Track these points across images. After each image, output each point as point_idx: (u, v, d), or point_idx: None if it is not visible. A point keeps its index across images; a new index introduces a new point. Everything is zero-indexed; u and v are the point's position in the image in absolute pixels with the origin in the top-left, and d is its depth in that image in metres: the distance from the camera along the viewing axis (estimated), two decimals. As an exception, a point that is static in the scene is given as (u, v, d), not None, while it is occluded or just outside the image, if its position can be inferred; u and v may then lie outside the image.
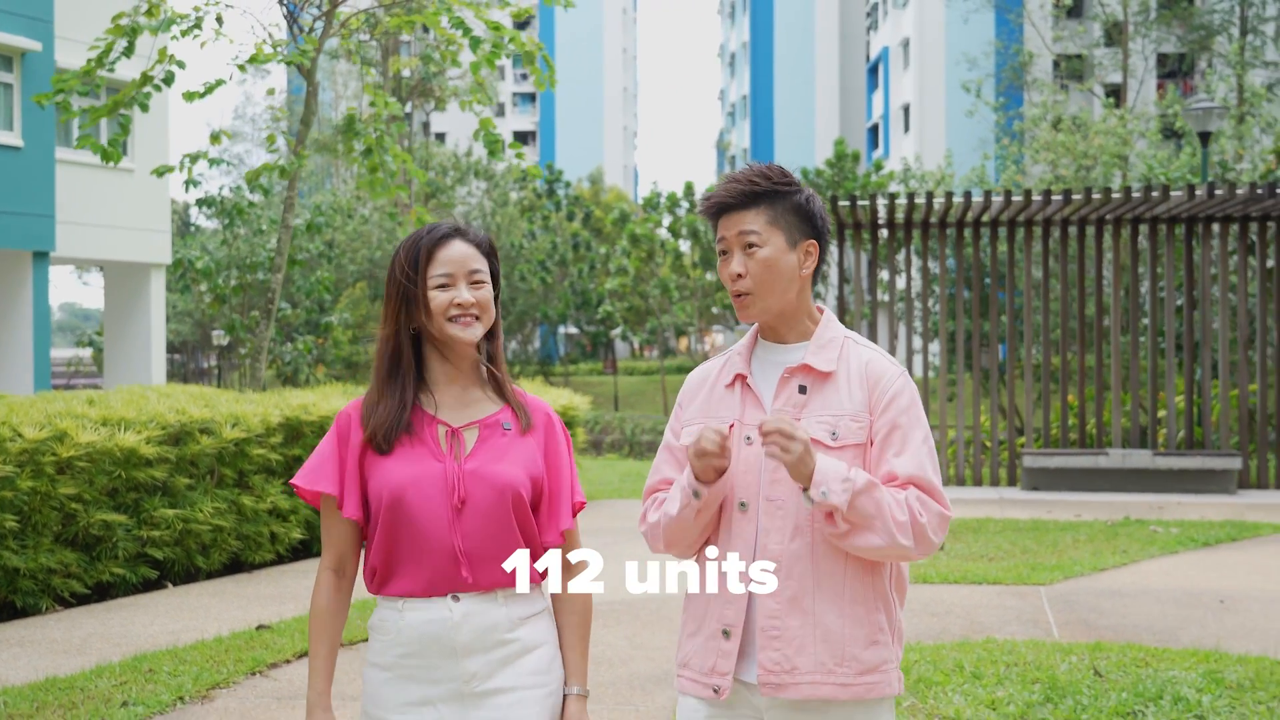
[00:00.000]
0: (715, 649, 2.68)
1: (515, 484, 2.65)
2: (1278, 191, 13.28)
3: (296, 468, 9.41)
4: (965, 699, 5.15)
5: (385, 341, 2.70)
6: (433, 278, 2.65)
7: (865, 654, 2.62)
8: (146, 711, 5.40)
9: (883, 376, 2.70)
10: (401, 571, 2.62)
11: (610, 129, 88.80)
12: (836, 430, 2.64)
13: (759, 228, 2.69)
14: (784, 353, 2.76)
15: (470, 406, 2.72)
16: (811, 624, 2.61)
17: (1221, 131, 28.26)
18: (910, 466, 2.62)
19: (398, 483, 2.60)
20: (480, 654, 2.60)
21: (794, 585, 2.62)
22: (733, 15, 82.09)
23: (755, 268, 2.68)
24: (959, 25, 53.26)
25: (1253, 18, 43.85)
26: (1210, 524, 10.82)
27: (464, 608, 2.60)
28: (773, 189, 2.70)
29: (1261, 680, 5.32)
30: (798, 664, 2.60)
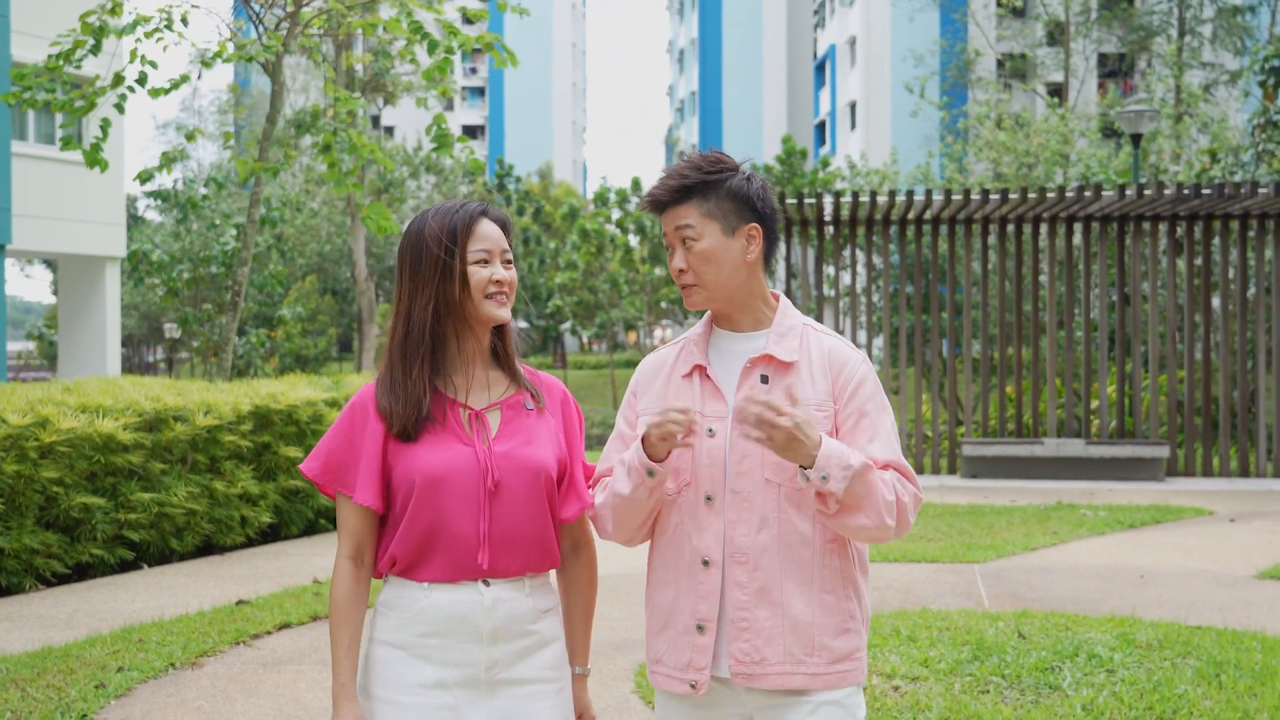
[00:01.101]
0: (689, 644, 2.67)
1: (547, 466, 2.63)
2: (1204, 192, 13.91)
3: (266, 454, 9.82)
4: (901, 658, 5.63)
5: (405, 318, 2.64)
6: (472, 253, 2.62)
7: (836, 643, 2.63)
8: (141, 676, 5.77)
9: (846, 364, 2.70)
10: (430, 559, 2.58)
11: (559, 124, 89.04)
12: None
13: (693, 220, 2.68)
14: (742, 341, 2.75)
15: (489, 388, 2.68)
16: (780, 615, 2.61)
17: (1159, 131, 29.03)
18: (886, 452, 2.63)
19: (429, 470, 2.56)
20: (505, 642, 2.59)
21: (762, 577, 2.62)
22: (681, 12, 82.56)
23: (694, 261, 2.68)
24: (905, 24, 53.97)
25: (1190, 19, 44.78)
26: (1137, 508, 11.40)
27: (494, 593, 2.59)
28: (703, 180, 2.69)
29: (1168, 641, 5.84)
30: (766, 655, 2.61)
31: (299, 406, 10.06)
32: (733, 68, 72.36)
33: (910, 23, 52.73)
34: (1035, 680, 5.23)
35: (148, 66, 10.96)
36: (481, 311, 2.62)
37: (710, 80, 73.24)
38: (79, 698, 5.40)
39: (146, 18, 11.66)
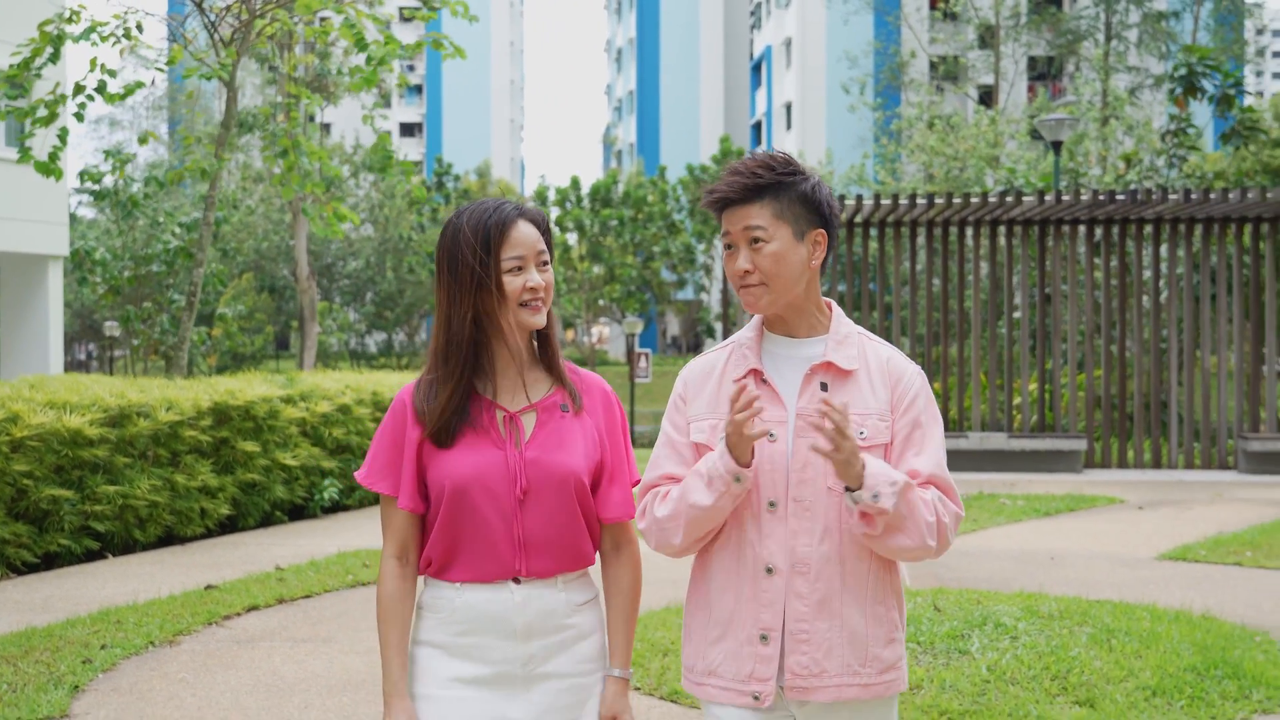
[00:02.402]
0: (752, 654, 2.61)
1: (577, 471, 2.62)
2: (1118, 198, 14.63)
3: (224, 449, 10.23)
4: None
5: (446, 326, 2.63)
6: (506, 260, 2.58)
7: (885, 652, 2.63)
8: (124, 653, 6.20)
9: (904, 375, 2.68)
10: (461, 561, 2.61)
11: (497, 121, 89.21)
12: (864, 429, 2.62)
13: (764, 222, 2.62)
14: (797, 346, 2.70)
15: (526, 389, 2.67)
16: (839, 626, 2.59)
17: (1085, 134, 29.90)
18: (931, 465, 2.62)
19: (460, 474, 2.58)
20: (539, 638, 2.60)
21: (823, 587, 2.59)
22: (619, 11, 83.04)
23: (763, 263, 2.62)
24: (840, 26, 54.75)
25: (1117, 24, 45.84)
26: (1053, 497, 12.06)
27: (525, 591, 2.60)
28: (777, 180, 2.63)
29: (1068, 612, 6.44)
30: (826, 667, 2.58)
31: (256, 403, 10.47)
32: (670, 67, 72.98)
33: (845, 25, 53.52)
34: (947, 646, 5.79)
35: (107, 75, 11.29)
36: (517, 319, 2.60)
37: (648, 80, 73.82)
38: (68, 671, 5.81)
39: (102, 23, 11.99)
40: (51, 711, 5.25)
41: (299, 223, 27.84)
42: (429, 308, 55.48)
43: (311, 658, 6.20)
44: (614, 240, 49.21)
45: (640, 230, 48.29)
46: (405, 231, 51.77)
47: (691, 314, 56.57)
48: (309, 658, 6.20)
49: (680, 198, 49.17)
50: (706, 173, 47.73)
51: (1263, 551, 8.97)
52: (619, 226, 48.84)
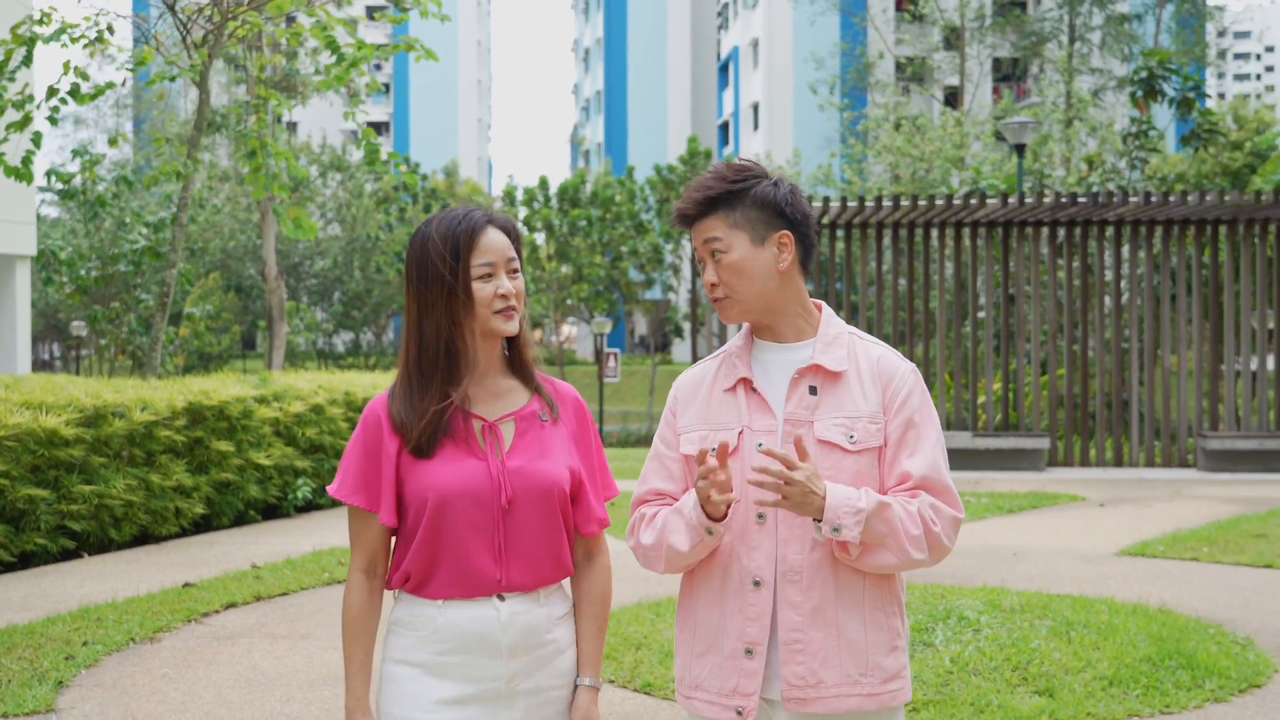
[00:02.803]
0: (737, 669, 2.58)
1: (560, 480, 2.59)
2: (1080, 200, 14.89)
3: (199, 449, 10.31)
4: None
5: (418, 334, 2.59)
6: (475, 268, 2.56)
7: (887, 661, 2.58)
8: (105, 649, 6.30)
9: (895, 374, 2.62)
10: (442, 575, 2.55)
11: (465, 121, 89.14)
12: (854, 434, 2.57)
13: (720, 233, 2.60)
14: (785, 351, 2.67)
15: (502, 398, 2.64)
16: (835, 635, 2.54)
17: (1049, 135, 30.23)
18: (923, 467, 2.55)
19: (442, 486, 2.53)
20: (523, 654, 2.56)
21: (816, 596, 2.54)
22: (586, 11, 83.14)
23: (725, 274, 2.61)
24: (806, 27, 55.03)
25: (1080, 27, 46.32)
26: (1016, 495, 12.28)
27: (510, 608, 2.56)
28: (727, 190, 2.61)
29: (1030, 606, 6.63)
30: (823, 677, 2.53)
31: (230, 403, 10.56)
32: (638, 68, 73.14)
33: (812, 26, 53.80)
34: (911, 639, 5.97)
35: (80, 78, 11.34)
36: (489, 327, 2.58)
37: (615, 80, 73.95)
38: (51, 668, 5.91)
39: (72, 25, 12.03)
40: (38, 706, 5.36)
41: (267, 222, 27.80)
42: (396, 307, 55.44)
43: (291, 653, 6.32)
44: (582, 240, 49.32)
45: (608, 230, 48.41)
46: (373, 231, 51.72)
47: (659, 314, 56.74)
48: (288, 653, 6.32)
49: (648, 198, 49.31)
50: (674, 173, 47.90)
51: (1219, 547, 9.20)
52: (587, 226, 48.95)
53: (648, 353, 62.53)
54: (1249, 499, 12.18)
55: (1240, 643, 6.23)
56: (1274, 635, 6.56)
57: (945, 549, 2.54)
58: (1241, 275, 15.67)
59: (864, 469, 2.57)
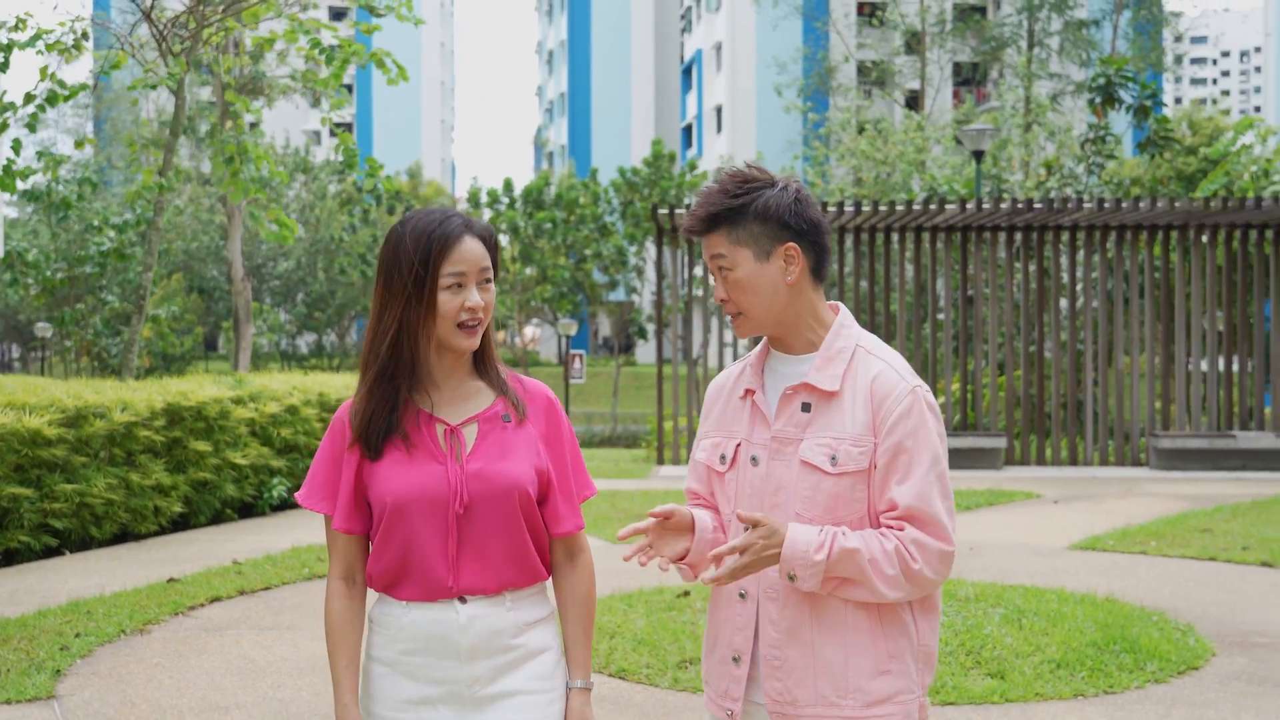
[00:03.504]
0: (727, 673, 2.63)
1: (521, 482, 2.54)
2: (1036, 206, 15.29)
3: (177, 448, 10.52)
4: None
5: (379, 336, 2.54)
6: (445, 277, 2.49)
7: (872, 685, 2.51)
8: (98, 640, 6.53)
9: (889, 394, 2.51)
10: (405, 579, 2.54)
11: (428, 122, 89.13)
12: (836, 455, 2.51)
13: (724, 250, 2.57)
14: (792, 364, 2.63)
15: (467, 400, 2.60)
16: (811, 655, 2.53)
17: (1009, 139, 30.72)
18: (909, 497, 2.46)
19: (398, 490, 2.51)
20: (484, 658, 2.53)
21: (791, 615, 2.54)
22: (550, 13, 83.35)
23: (733, 290, 2.58)
24: (769, 31, 55.43)
25: (1039, 32, 46.95)
26: (974, 492, 12.65)
27: (470, 610, 2.53)
28: (727, 207, 2.56)
29: (984, 595, 6.97)
30: (797, 696, 2.53)
31: (207, 404, 10.78)
32: (601, 70, 73.42)
33: (774, 30, 54.20)
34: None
35: (56, 85, 11.53)
36: (449, 341, 2.54)
37: (579, 82, 74.20)
38: (47, 658, 6.15)
39: (48, 30, 12.22)
40: (38, 693, 5.60)
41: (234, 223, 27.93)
42: (360, 309, 55.48)
43: (278, 643, 6.57)
44: (546, 242, 49.57)
45: (572, 232, 48.70)
46: (336, 232, 51.82)
47: (623, 315, 57.04)
48: (276, 643, 6.57)
49: (612, 200, 49.61)
50: (638, 175, 48.21)
51: (1166, 541, 9.58)
52: (551, 229, 49.20)
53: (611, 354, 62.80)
54: (1197, 496, 12.60)
55: (1181, 629, 6.59)
56: (1214, 622, 6.92)
57: (930, 582, 2.47)
58: (1192, 279, 16.12)
59: (843, 491, 2.50)
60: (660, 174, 47.75)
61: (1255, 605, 7.42)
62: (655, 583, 7.85)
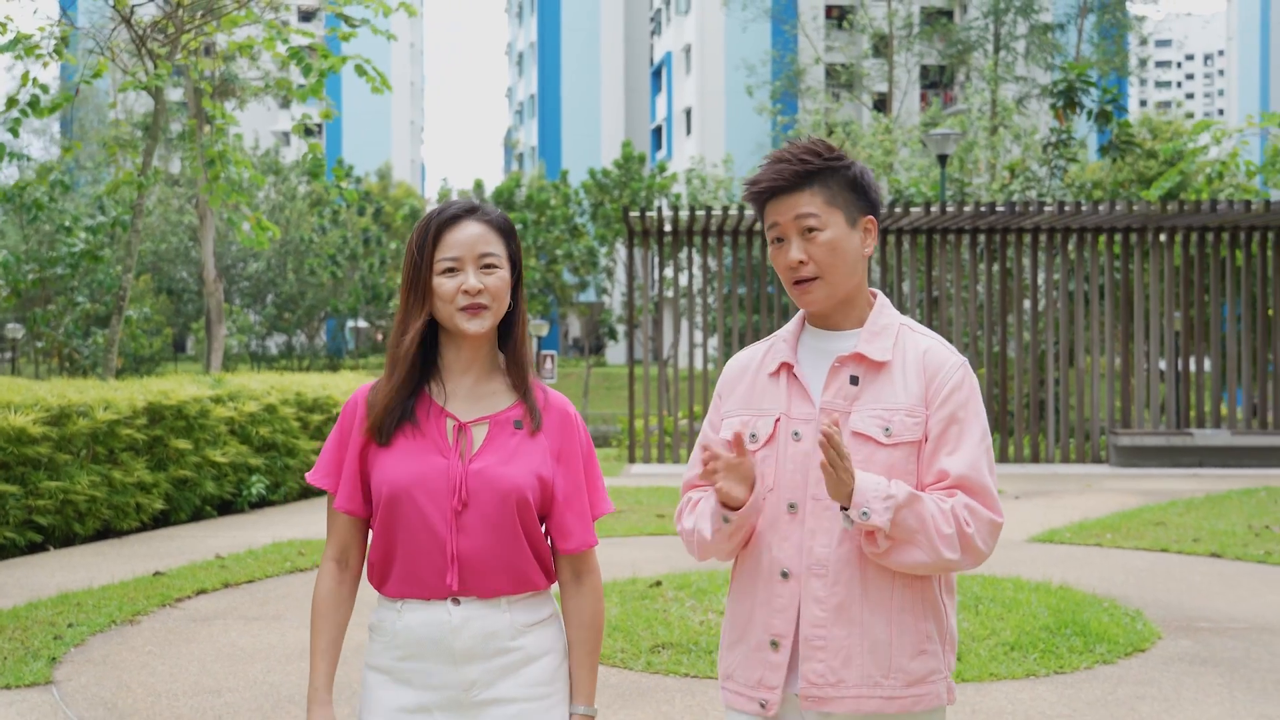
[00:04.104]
0: (762, 661, 2.52)
1: (520, 487, 2.49)
2: (998, 209, 15.65)
3: (158, 446, 10.73)
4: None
5: (397, 325, 2.54)
6: (440, 261, 2.49)
7: (912, 664, 2.48)
8: (90, 630, 6.75)
9: (942, 367, 2.51)
10: (398, 571, 2.50)
11: (398, 123, 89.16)
12: (890, 426, 2.48)
13: (816, 209, 2.50)
14: (835, 340, 2.58)
15: (483, 400, 2.55)
16: (859, 634, 2.46)
17: (975, 142, 31.14)
18: (962, 465, 2.44)
19: (397, 479, 2.48)
20: (480, 661, 2.47)
21: (841, 592, 2.46)
22: (520, 15, 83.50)
23: (819, 253, 2.50)
24: (738, 34, 55.79)
25: (1005, 35, 47.46)
26: (938, 488, 12.97)
27: (464, 612, 2.47)
28: (825, 165, 2.52)
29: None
30: (844, 676, 2.46)
31: (187, 403, 10.99)
32: (571, 72, 73.65)
33: (743, 32, 54.56)
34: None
35: (39, 90, 11.71)
36: (452, 325, 2.51)
37: (549, 83, 74.40)
38: (42, 647, 6.36)
39: (27, 35, 12.40)
40: (36, 679, 5.82)
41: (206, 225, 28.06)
42: (330, 310, 55.56)
43: (265, 632, 6.81)
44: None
45: (543, 233, 48.88)
46: (306, 234, 51.88)
47: (593, 316, 57.31)
48: (262, 632, 6.81)
49: (582, 201, 49.83)
50: (609, 176, 48.43)
51: (1121, 534, 9.92)
52: (522, 230, 49.39)
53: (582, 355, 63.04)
54: (1153, 491, 12.97)
55: (1130, 614, 6.91)
56: (1162, 608, 7.25)
57: (980, 553, 2.43)
58: (1150, 281, 16.51)
59: (897, 462, 2.47)
60: (630, 175, 48.00)
61: (1202, 593, 7.75)
62: (629, 574, 8.13)
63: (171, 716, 5.33)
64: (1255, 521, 10.49)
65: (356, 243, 54.76)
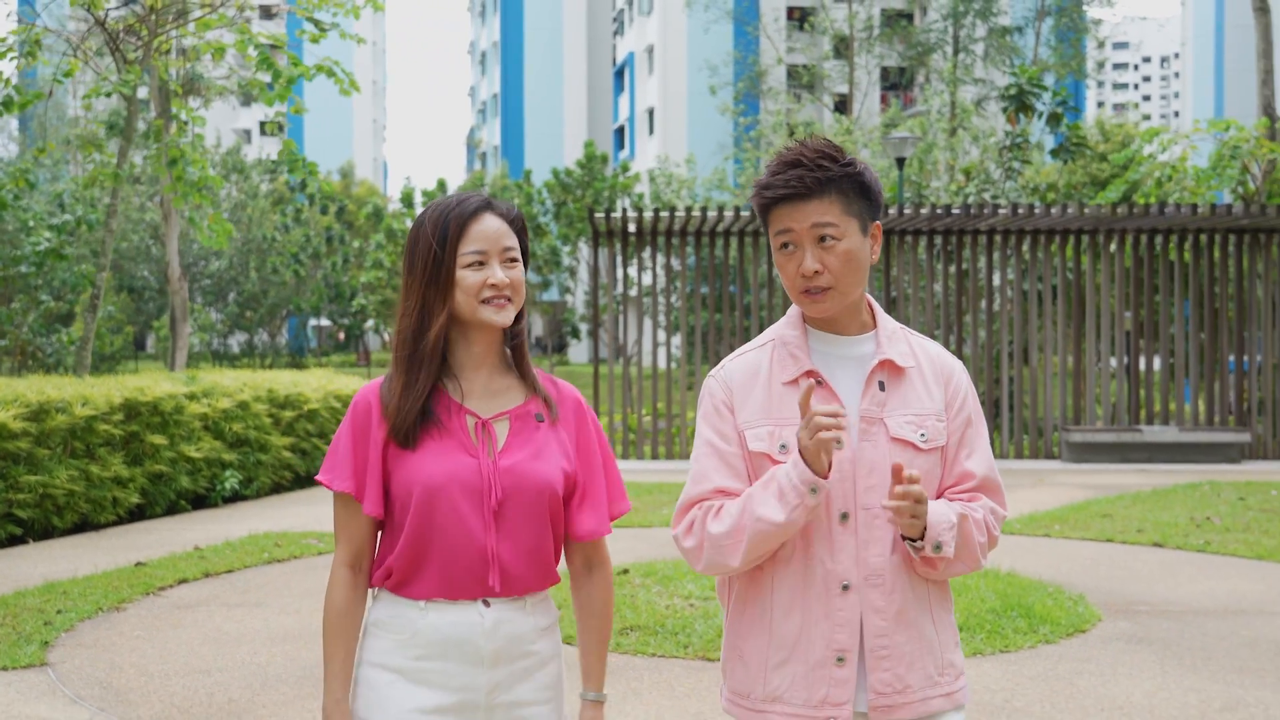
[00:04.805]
0: (826, 678, 2.45)
1: (553, 483, 2.49)
2: (954, 212, 16.06)
3: (134, 442, 10.95)
4: (696, 586, 7.27)
5: (407, 321, 2.49)
6: (464, 255, 2.45)
7: (954, 657, 2.55)
8: (78, 617, 7.01)
9: (954, 372, 2.57)
10: (427, 573, 2.45)
11: (359, 122, 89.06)
12: (925, 431, 2.49)
13: (834, 219, 2.44)
14: (846, 345, 2.54)
15: (498, 395, 2.54)
16: (917, 637, 2.48)
17: (934, 143, 31.64)
18: (983, 467, 2.52)
19: (430, 480, 2.43)
20: (505, 664, 2.46)
21: (899, 599, 2.46)
22: (483, 14, 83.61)
23: (835, 262, 2.45)
24: (700, 34, 56.16)
25: (964, 38, 48.08)
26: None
27: (495, 614, 2.45)
28: (843, 172, 2.45)
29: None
30: (910, 681, 2.47)
31: (163, 399, 11.23)
32: (534, 71, 73.83)
33: (706, 33, 54.91)
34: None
35: (12, 91, 11.91)
36: (477, 317, 2.47)
37: (512, 83, 74.57)
38: (34, 632, 6.62)
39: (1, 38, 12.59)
40: (32, 661, 6.08)
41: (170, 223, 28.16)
42: (292, 308, 55.57)
43: (248, 618, 7.09)
44: (480, 242, 49.90)
45: (506, 232, 49.06)
46: (269, 232, 51.88)
47: (556, 315, 57.59)
48: (246, 618, 7.09)
49: (545, 201, 50.08)
50: (571, 176, 48.70)
51: (1068, 525, 10.32)
52: (485, 229, 49.56)
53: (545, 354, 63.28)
54: (1102, 485, 13.41)
55: (1073, 599, 7.29)
56: (1104, 594, 7.64)
57: (990, 550, 2.55)
58: (1102, 281, 16.97)
59: (931, 467, 2.51)
60: (593, 175, 48.28)
61: (1143, 579, 8.15)
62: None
63: (164, 694, 5.61)
64: (1197, 513, 10.93)
65: (319, 241, 54.81)
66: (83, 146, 13.77)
